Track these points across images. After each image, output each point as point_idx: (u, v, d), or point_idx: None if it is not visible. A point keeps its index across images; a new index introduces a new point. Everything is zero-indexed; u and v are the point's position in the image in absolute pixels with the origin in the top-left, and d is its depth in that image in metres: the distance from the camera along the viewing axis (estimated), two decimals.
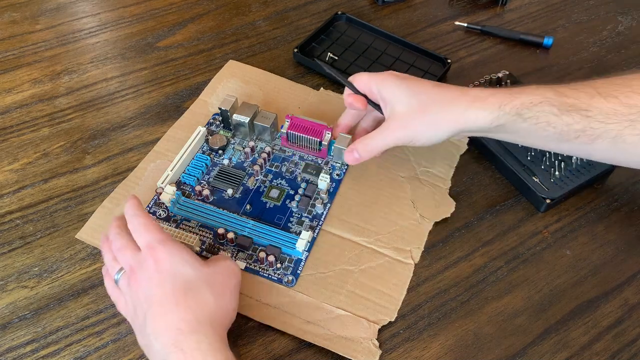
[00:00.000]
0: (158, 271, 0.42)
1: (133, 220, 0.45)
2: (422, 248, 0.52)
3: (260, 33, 0.73)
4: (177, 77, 0.67)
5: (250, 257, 0.51)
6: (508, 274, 0.52)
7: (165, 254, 0.43)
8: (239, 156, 0.58)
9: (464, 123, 0.48)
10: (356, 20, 0.73)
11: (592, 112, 0.45)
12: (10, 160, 0.58)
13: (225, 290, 0.44)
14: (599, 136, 0.45)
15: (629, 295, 0.51)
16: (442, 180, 0.57)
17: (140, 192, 0.55)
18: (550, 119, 0.46)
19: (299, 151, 0.59)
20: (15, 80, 0.66)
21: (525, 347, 0.48)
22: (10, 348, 0.46)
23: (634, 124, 0.44)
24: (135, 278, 0.43)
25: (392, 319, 0.48)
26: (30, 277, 0.50)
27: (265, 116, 0.58)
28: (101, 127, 0.62)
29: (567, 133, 0.46)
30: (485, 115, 0.47)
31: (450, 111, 0.48)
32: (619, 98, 0.45)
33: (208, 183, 0.55)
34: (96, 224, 0.53)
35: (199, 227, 0.52)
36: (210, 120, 0.61)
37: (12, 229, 0.53)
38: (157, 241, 0.43)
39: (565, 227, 0.55)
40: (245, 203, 0.54)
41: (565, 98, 0.45)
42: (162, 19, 0.75)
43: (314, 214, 0.54)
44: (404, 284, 0.50)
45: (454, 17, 0.77)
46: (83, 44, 0.71)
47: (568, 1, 0.80)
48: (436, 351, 0.47)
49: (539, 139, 0.48)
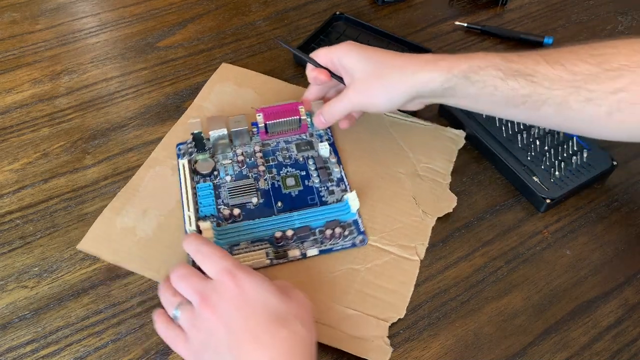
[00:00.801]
0: (244, 300, 0.39)
1: (202, 248, 0.43)
2: (426, 244, 0.53)
3: (260, 33, 0.73)
4: (177, 77, 0.67)
5: (316, 242, 0.51)
6: (508, 274, 0.52)
7: (249, 282, 0.40)
8: (234, 168, 0.56)
9: (416, 86, 0.49)
10: (355, 20, 0.73)
11: (537, 78, 0.46)
12: (10, 160, 0.58)
13: (311, 321, 0.42)
14: (545, 102, 0.46)
15: (629, 295, 0.51)
16: (442, 175, 0.58)
17: (140, 199, 0.54)
18: (496, 83, 0.47)
19: (280, 137, 0.59)
20: (15, 80, 0.66)
21: (525, 347, 0.48)
22: (10, 348, 0.46)
23: (578, 90, 0.45)
24: (209, 304, 0.39)
25: (401, 316, 0.48)
26: (30, 277, 0.50)
27: (236, 121, 0.57)
28: (101, 127, 0.62)
29: (513, 98, 0.47)
30: (435, 78, 0.48)
31: (404, 75, 0.50)
32: (565, 65, 0.45)
33: (228, 205, 0.54)
34: (97, 234, 0.52)
35: (250, 245, 0.51)
36: (179, 152, 0.58)
37: (12, 229, 0.53)
38: (236, 267, 0.41)
39: (565, 227, 0.55)
40: (274, 202, 0.54)
41: (511, 64, 0.47)
42: (162, 19, 0.75)
43: (336, 180, 0.56)
44: (411, 280, 0.50)
45: (454, 17, 0.77)
46: (83, 44, 0.71)
47: (568, 1, 0.80)
48: (436, 351, 0.47)
49: (488, 103, 0.49)
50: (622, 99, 0.44)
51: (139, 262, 0.50)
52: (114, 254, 0.50)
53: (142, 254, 0.50)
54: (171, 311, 0.42)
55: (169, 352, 0.46)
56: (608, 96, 0.44)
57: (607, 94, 0.44)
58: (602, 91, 0.44)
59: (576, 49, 0.47)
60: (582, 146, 0.59)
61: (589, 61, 0.45)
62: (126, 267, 0.50)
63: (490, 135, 0.60)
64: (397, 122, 0.62)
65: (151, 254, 0.51)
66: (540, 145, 0.58)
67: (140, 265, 0.50)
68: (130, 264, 0.50)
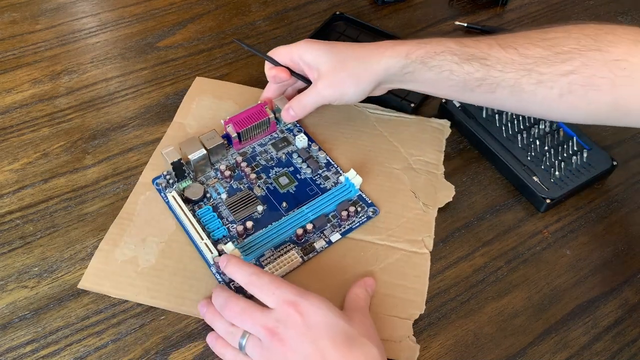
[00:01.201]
0: (308, 326, 0.39)
1: (254, 279, 0.42)
2: (432, 235, 0.53)
3: (260, 33, 0.73)
4: (177, 77, 0.67)
5: (335, 226, 0.53)
6: (508, 274, 0.52)
7: (311, 307, 0.40)
8: (223, 185, 0.55)
9: (380, 73, 0.51)
10: (355, 20, 0.72)
11: (490, 61, 0.47)
12: (10, 160, 0.58)
13: (378, 338, 0.42)
14: (499, 85, 0.48)
15: (629, 295, 0.51)
16: (435, 166, 0.58)
17: (136, 228, 0.53)
18: (452, 68, 0.49)
19: (253, 142, 0.59)
20: (15, 80, 0.66)
21: (525, 347, 0.48)
22: (10, 348, 0.46)
23: (530, 73, 0.46)
24: (280, 338, 0.39)
25: (422, 311, 0.48)
26: (30, 277, 0.50)
27: (209, 138, 0.55)
28: (101, 127, 0.62)
29: (469, 82, 0.49)
30: (395, 64, 0.50)
31: (367, 62, 0.51)
32: (517, 49, 0.47)
33: (235, 222, 0.53)
34: (97, 268, 0.50)
35: (275, 251, 0.51)
36: (159, 187, 0.55)
37: (12, 229, 0.53)
38: (297, 295, 0.41)
39: (565, 227, 0.55)
40: (279, 204, 0.54)
41: (466, 48, 0.49)
42: (162, 19, 0.75)
43: (324, 164, 0.57)
44: (424, 273, 0.51)
45: (454, 17, 0.77)
46: (83, 44, 0.71)
47: (568, 1, 0.80)
48: (436, 351, 0.47)
49: (446, 88, 0.51)
50: (573, 81, 0.45)
51: (146, 293, 0.48)
52: (118, 289, 0.49)
53: (147, 284, 0.49)
54: (235, 341, 0.42)
55: (169, 352, 0.46)
56: (559, 78, 0.46)
57: (558, 76, 0.46)
58: (553, 73, 0.46)
59: (530, 33, 0.48)
60: (582, 146, 0.59)
61: (541, 45, 0.46)
62: (133, 299, 0.48)
63: (490, 135, 0.60)
64: (382, 118, 0.62)
65: (158, 282, 0.49)
66: (540, 145, 0.59)
67: (148, 296, 0.48)
68: (137, 297, 0.48)
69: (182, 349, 0.46)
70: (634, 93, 0.44)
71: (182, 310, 0.48)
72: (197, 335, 0.47)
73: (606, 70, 0.44)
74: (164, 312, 0.48)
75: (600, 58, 0.44)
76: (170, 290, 0.49)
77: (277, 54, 0.56)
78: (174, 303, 0.48)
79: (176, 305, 0.48)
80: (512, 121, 0.60)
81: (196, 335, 0.47)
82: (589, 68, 0.45)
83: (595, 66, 0.44)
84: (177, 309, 0.48)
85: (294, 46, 0.55)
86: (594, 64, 0.44)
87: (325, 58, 0.52)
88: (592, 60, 0.44)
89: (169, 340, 0.47)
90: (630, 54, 0.44)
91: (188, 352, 0.46)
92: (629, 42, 0.44)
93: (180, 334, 0.47)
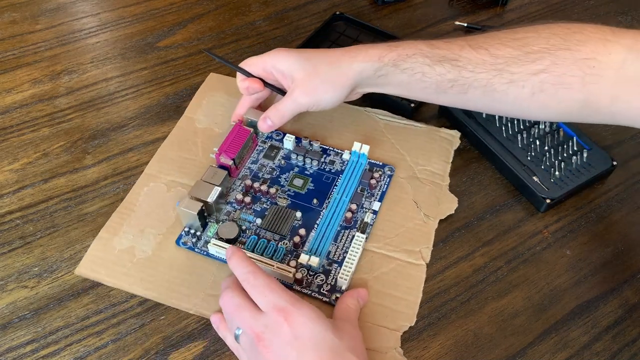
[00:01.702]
0: (296, 337, 0.39)
1: (250, 278, 0.42)
2: (431, 247, 0.52)
3: (260, 33, 0.73)
4: (177, 77, 0.67)
5: (369, 197, 0.55)
6: (508, 274, 0.52)
7: (301, 317, 0.40)
8: (248, 212, 0.54)
9: (354, 77, 0.51)
10: (355, 20, 0.73)
11: (461, 62, 0.48)
12: (10, 160, 0.58)
13: (364, 352, 0.42)
14: (471, 85, 0.49)
15: (629, 295, 0.51)
16: (441, 177, 0.57)
17: (137, 218, 0.53)
18: (424, 70, 0.49)
19: (245, 163, 0.58)
20: (15, 80, 0.66)
21: (525, 347, 0.48)
22: (10, 348, 0.46)
23: (501, 72, 0.47)
24: (265, 345, 0.39)
25: (412, 323, 0.48)
26: (30, 277, 0.50)
27: (212, 174, 0.53)
28: (101, 127, 0.62)
29: (441, 83, 0.50)
30: (368, 67, 0.51)
31: (340, 67, 0.51)
32: (488, 50, 0.48)
33: (286, 236, 0.52)
34: (95, 256, 0.50)
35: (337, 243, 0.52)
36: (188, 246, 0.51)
37: (12, 229, 0.53)
38: (288, 303, 0.40)
39: (565, 227, 0.55)
40: (310, 203, 0.54)
41: (437, 50, 0.49)
42: (162, 19, 0.75)
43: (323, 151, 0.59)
44: (418, 286, 0.50)
45: (454, 17, 0.77)
46: (83, 44, 0.71)
47: (568, 1, 0.80)
48: (436, 351, 0.47)
49: (419, 90, 0.52)
50: (544, 80, 0.46)
51: (140, 284, 0.49)
52: (113, 277, 0.49)
53: (142, 275, 0.49)
54: (233, 329, 0.42)
55: (169, 352, 0.46)
56: (530, 77, 0.47)
57: (529, 75, 0.47)
58: (524, 73, 0.47)
59: (500, 34, 0.49)
60: (582, 146, 0.59)
61: (511, 45, 0.47)
62: (127, 289, 0.49)
63: (490, 135, 0.60)
64: (391, 125, 0.62)
65: (152, 274, 0.49)
66: (540, 145, 0.59)
67: (141, 287, 0.49)
68: (131, 287, 0.49)
69: (182, 349, 0.46)
70: (603, 91, 0.45)
71: (172, 303, 0.48)
72: (197, 335, 0.47)
73: (576, 68, 0.45)
74: (164, 312, 0.48)
75: (569, 57, 0.45)
76: (162, 282, 0.49)
77: (249, 65, 0.55)
78: (165, 295, 0.49)
79: (167, 298, 0.48)
80: (512, 121, 0.60)
81: (196, 335, 0.47)
82: (559, 67, 0.46)
83: (565, 65, 0.45)
84: (168, 302, 0.48)
85: (266, 56, 0.54)
86: (563, 63, 0.45)
87: (297, 65, 0.52)
88: (561, 59, 0.45)
89: (169, 340, 0.47)
90: (599, 53, 0.45)
91: (188, 352, 0.46)
92: (597, 41, 0.45)
93: (180, 334, 0.47)
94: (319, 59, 0.53)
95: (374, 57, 0.51)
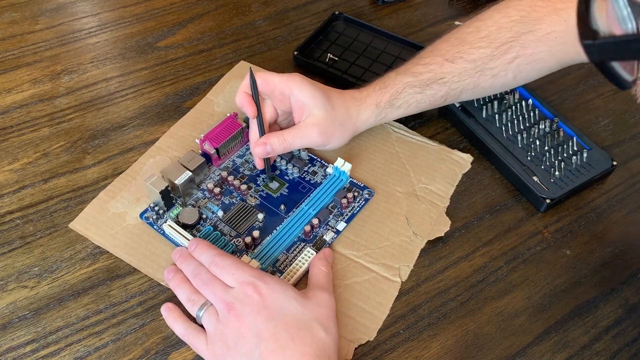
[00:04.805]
0: (265, 306, 0.42)
1: (217, 260, 0.45)
2: (411, 267, 0.51)
3: (260, 33, 0.73)
4: (177, 77, 0.67)
5: (337, 215, 0.54)
6: (508, 274, 0.52)
7: (268, 290, 0.42)
8: (215, 203, 0.54)
9: (359, 125, 0.55)
10: (354, 20, 0.73)
11: (446, 78, 0.53)
12: (10, 160, 0.58)
13: (331, 323, 0.44)
14: (462, 91, 0.55)
15: (629, 295, 0.51)
16: (441, 198, 0.56)
17: (136, 186, 0.55)
18: (417, 98, 0.54)
19: (231, 155, 0.58)
20: (15, 80, 0.66)
21: (525, 347, 0.48)
22: (10, 348, 0.46)
23: (483, 72, 0.53)
24: (236, 313, 0.42)
25: (370, 338, 0.47)
26: (30, 277, 0.50)
27: (189, 159, 0.54)
28: (101, 127, 0.62)
29: (435, 100, 0.55)
30: (370, 116, 0.55)
31: (350, 117, 0.54)
32: (464, 57, 0.53)
33: (241, 234, 0.52)
34: (90, 215, 0.53)
35: (288, 253, 0.51)
36: (150, 221, 0.52)
37: (12, 229, 0.53)
38: (255, 277, 0.43)
39: (565, 227, 0.55)
40: (277, 208, 0.54)
41: (421, 76, 0.54)
42: (162, 19, 0.75)
43: (308, 161, 0.58)
44: (388, 302, 0.49)
45: (454, 17, 0.77)
46: (83, 44, 0.71)
47: None
48: (436, 351, 0.47)
49: (417, 110, 0.56)
50: (520, 63, 0.52)
51: (123, 248, 0.51)
52: (101, 237, 0.52)
53: (127, 240, 0.52)
54: (194, 310, 0.44)
55: (169, 352, 0.46)
56: (508, 65, 0.52)
57: (506, 64, 0.52)
58: (502, 64, 0.52)
59: (466, 36, 0.54)
60: (582, 146, 0.59)
61: (481, 45, 0.52)
62: (110, 251, 0.51)
63: (490, 135, 0.60)
64: (403, 139, 0.61)
65: (135, 242, 0.52)
66: (540, 145, 0.59)
67: (123, 250, 0.51)
68: (114, 249, 0.51)
69: (182, 349, 0.46)
70: (571, 50, 0.50)
71: (147, 272, 0.50)
72: None
73: (542, 45, 0.51)
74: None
75: (533, 37, 0.51)
76: (144, 251, 0.51)
77: (269, 82, 0.52)
78: (143, 263, 0.50)
79: (144, 266, 0.50)
80: (512, 121, 0.60)
81: None
82: (527, 49, 0.51)
83: (532, 46, 0.51)
84: (144, 270, 0.50)
85: (288, 80, 0.52)
86: (530, 44, 0.51)
87: (320, 102, 0.51)
88: (528, 42, 0.51)
89: (169, 340, 0.47)
90: (556, 24, 0.50)
91: (188, 352, 0.46)
92: (551, 13, 0.50)
93: None
94: (336, 101, 0.53)
95: (371, 105, 0.54)
